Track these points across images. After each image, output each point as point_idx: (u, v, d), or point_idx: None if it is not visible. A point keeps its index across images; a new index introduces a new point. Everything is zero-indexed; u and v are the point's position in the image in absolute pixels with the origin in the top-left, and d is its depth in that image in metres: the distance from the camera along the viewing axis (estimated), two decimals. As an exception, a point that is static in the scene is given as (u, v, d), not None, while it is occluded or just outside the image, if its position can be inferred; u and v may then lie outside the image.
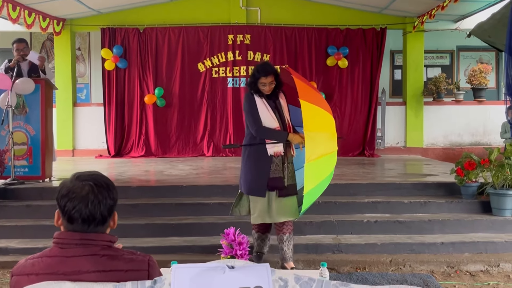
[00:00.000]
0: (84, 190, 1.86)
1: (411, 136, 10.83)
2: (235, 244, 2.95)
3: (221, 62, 10.57)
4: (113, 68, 10.40)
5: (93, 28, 10.72)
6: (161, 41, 10.51)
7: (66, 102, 10.62)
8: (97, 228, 1.88)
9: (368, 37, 10.56)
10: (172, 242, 5.28)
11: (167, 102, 10.45)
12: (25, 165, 6.64)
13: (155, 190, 6.41)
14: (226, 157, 10.25)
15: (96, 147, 10.71)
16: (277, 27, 10.58)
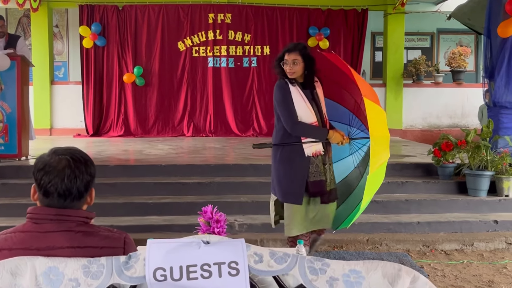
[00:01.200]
0: (61, 164, 1.83)
1: (390, 117, 10.80)
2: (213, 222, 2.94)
3: (201, 41, 10.48)
4: (92, 46, 10.24)
5: (71, 4, 10.50)
6: (140, 19, 10.36)
7: (43, 80, 10.44)
8: (73, 203, 1.85)
9: (350, 18, 10.55)
10: (151, 221, 5.27)
11: (147, 81, 10.35)
12: (1, 143, 6.52)
13: (134, 169, 6.37)
14: (206, 138, 10.22)
15: (74, 126, 10.58)
16: (258, 7, 10.50)
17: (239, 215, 5.40)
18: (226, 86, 10.54)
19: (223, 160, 7.07)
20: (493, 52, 6.27)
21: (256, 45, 10.56)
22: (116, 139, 9.93)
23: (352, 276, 1.70)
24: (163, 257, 1.67)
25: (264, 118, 10.52)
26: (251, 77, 10.57)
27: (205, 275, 1.67)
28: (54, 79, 10.91)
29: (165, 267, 1.66)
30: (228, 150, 8.17)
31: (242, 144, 8.97)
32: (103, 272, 1.68)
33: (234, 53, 10.56)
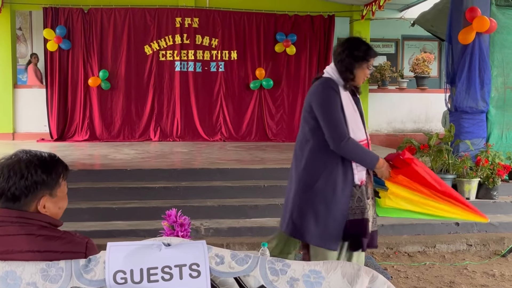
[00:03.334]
0: (12, 164, 1.83)
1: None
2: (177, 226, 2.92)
3: (168, 45, 10.43)
4: (56, 49, 10.07)
5: (35, 7, 10.32)
6: (106, 23, 10.25)
7: (6, 83, 10.22)
8: (14, 205, 1.82)
9: (316, 24, 10.68)
10: (116, 226, 5.22)
11: (112, 85, 10.24)
12: (-40, 148, 6.37)
13: (99, 174, 6.29)
14: (173, 142, 10.16)
15: (38, 130, 10.38)
16: (225, 12, 10.52)
17: (206, 219, 5.39)
18: (193, 90, 10.51)
19: (190, 164, 7.05)
20: (454, 58, 6.43)
21: (224, 50, 10.57)
22: (81, 144, 9.78)
23: (312, 277, 1.72)
24: (123, 259, 1.67)
25: (231, 123, 10.54)
26: (219, 82, 10.58)
27: (166, 277, 1.67)
28: (17, 82, 10.70)
29: (126, 270, 1.66)
30: (195, 155, 8.15)
31: (209, 149, 8.96)
32: (62, 275, 1.67)
33: (201, 58, 10.55)
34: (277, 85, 10.55)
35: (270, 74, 10.55)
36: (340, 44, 3.07)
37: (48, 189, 1.88)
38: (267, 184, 5.95)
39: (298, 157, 3.06)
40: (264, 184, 5.96)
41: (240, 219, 5.44)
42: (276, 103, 10.66)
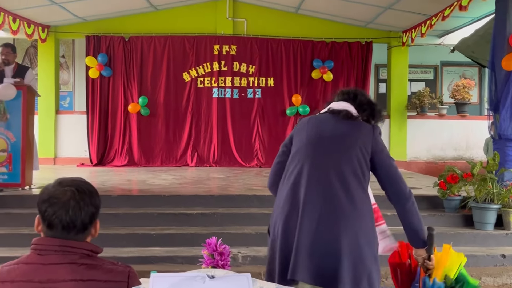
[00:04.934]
0: (66, 196, 1.81)
1: (395, 149, 10.88)
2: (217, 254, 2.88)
3: (206, 72, 10.56)
4: (98, 76, 10.33)
5: (78, 35, 10.65)
6: (146, 50, 10.47)
7: (49, 109, 10.51)
8: (77, 236, 1.83)
9: (354, 50, 10.64)
10: (153, 253, 5.21)
11: (151, 111, 10.40)
12: (5, 172, 6.51)
13: (137, 200, 6.33)
14: (210, 168, 10.20)
15: (78, 155, 10.59)
16: (263, 39, 10.61)
17: (243, 247, 5.33)
18: (230, 116, 10.58)
19: (226, 190, 7.02)
20: (497, 85, 6.27)
21: (261, 76, 10.63)
22: (120, 169, 9.92)
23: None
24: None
25: (268, 149, 10.53)
26: (256, 108, 10.62)
27: (210, 311, 1.63)
28: (59, 108, 10.98)
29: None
30: (232, 181, 8.13)
31: (246, 175, 8.94)
32: (106, 306, 1.65)
33: (238, 84, 10.63)
34: (314, 111, 10.52)
35: (307, 101, 10.54)
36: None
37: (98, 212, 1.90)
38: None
39: (352, 206, 2.47)
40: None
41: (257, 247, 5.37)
42: (313, 129, 10.58)
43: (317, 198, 2.46)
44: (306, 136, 2.64)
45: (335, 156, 2.53)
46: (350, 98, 2.74)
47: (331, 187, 2.47)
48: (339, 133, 2.60)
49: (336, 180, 2.48)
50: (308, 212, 2.43)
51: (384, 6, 9.08)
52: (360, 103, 2.72)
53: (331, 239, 2.40)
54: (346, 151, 2.54)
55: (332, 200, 2.46)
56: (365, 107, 2.72)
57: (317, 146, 2.59)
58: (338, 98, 2.79)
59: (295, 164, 2.59)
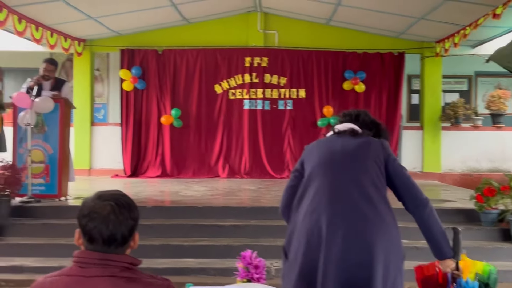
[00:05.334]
0: (106, 210, 1.84)
1: (429, 161, 10.73)
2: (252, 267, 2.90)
3: (238, 84, 10.63)
4: (132, 88, 10.50)
5: (113, 49, 10.86)
6: (179, 63, 10.60)
7: (84, 121, 10.72)
8: (117, 249, 1.85)
9: (386, 61, 10.56)
10: (187, 264, 5.25)
11: (184, 123, 10.50)
12: (42, 183, 6.67)
13: (170, 211, 6.39)
14: (241, 179, 10.23)
15: (112, 166, 10.74)
16: (294, 50, 10.62)
17: (276, 259, 5.27)
18: (261, 128, 10.60)
19: (258, 202, 7.03)
20: (535, 96, 6.13)
21: (292, 88, 10.64)
22: (153, 180, 10.03)
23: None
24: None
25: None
26: (287, 119, 10.62)
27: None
28: (94, 120, 11.19)
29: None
30: (263, 192, 8.14)
31: (277, 186, 8.93)
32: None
33: (270, 96, 10.65)
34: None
35: (338, 112, 10.46)
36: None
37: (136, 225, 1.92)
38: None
39: (378, 217, 2.46)
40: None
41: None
42: (345, 141, 10.51)
43: (341, 214, 2.41)
44: (317, 157, 2.65)
45: (351, 170, 2.54)
46: (353, 119, 2.80)
47: (354, 201, 2.45)
48: (350, 148, 2.62)
49: (357, 193, 2.46)
50: (333, 229, 2.38)
51: (417, 17, 9.00)
52: (363, 122, 2.79)
53: (361, 252, 2.36)
54: (362, 163, 2.57)
55: (356, 214, 2.42)
56: (370, 126, 2.79)
57: (331, 163, 2.59)
58: (341, 120, 2.85)
59: (312, 184, 2.57)
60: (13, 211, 6.08)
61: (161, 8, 9.38)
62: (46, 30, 9.06)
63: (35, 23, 8.65)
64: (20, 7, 7.93)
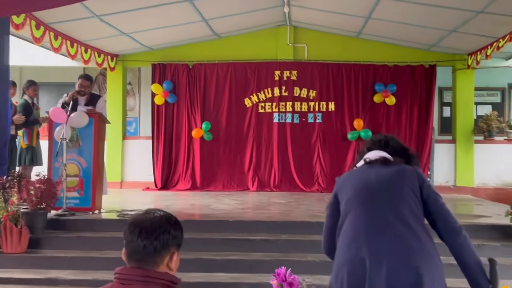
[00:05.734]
0: (151, 227, 1.88)
1: (461, 175, 10.55)
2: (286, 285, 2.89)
3: (267, 98, 10.67)
4: (163, 102, 10.64)
5: (144, 63, 11.05)
6: (209, 77, 10.71)
7: (116, 135, 10.89)
8: (154, 265, 1.88)
9: (417, 74, 10.47)
10: (219, 278, 5.25)
11: (214, 136, 10.58)
12: (76, 196, 6.78)
13: (202, 224, 6.42)
14: (270, 192, 10.22)
15: (144, 179, 10.86)
16: (323, 64, 10.62)
17: (307, 274, 5.26)
18: (290, 141, 10.60)
19: (289, 216, 7.02)
20: None
21: (321, 101, 10.61)
22: (183, 193, 10.11)
23: None
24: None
25: (329, 174, 10.46)
26: (316, 133, 10.60)
27: None
28: (126, 134, 11.35)
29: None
30: (293, 206, 8.12)
31: (307, 200, 8.91)
32: None
33: (299, 109, 10.66)
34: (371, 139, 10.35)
35: (369, 125, 10.41)
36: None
37: (178, 246, 1.95)
38: (370, 240, 5.75)
39: (420, 245, 2.38)
40: (367, 240, 5.78)
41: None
42: (375, 154, 10.42)
43: (384, 245, 2.36)
44: (352, 189, 2.59)
45: (389, 200, 2.48)
46: (382, 146, 2.76)
47: (395, 231, 2.39)
48: (385, 178, 2.57)
49: (397, 222, 2.41)
50: (377, 260, 2.32)
51: (449, 29, 8.92)
52: (393, 149, 2.74)
53: (407, 282, 2.28)
54: (398, 192, 2.51)
55: (399, 244, 2.36)
56: (400, 152, 2.75)
57: (368, 194, 2.54)
58: (369, 147, 2.79)
59: (349, 217, 2.51)
60: (49, 224, 6.18)
61: (192, 23, 9.53)
62: (80, 46, 9.28)
63: (70, 39, 8.87)
64: (56, 24, 8.15)
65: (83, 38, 9.25)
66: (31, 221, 5.91)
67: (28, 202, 5.96)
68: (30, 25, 7.38)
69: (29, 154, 8.01)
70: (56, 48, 8.41)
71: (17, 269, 5.49)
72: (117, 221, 6.45)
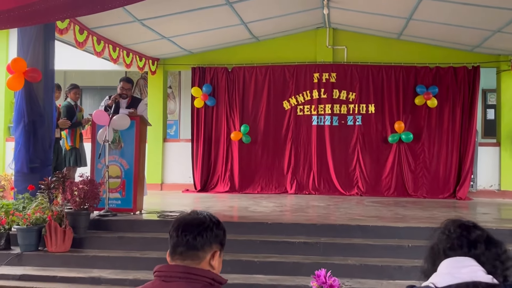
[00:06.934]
0: (194, 225, 1.91)
1: (506, 178, 10.23)
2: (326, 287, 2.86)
3: (306, 100, 10.62)
4: (202, 105, 10.73)
5: (184, 67, 11.17)
6: (248, 80, 10.74)
7: (157, 137, 11.04)
8: (195, 260, 1.88)
9: (459, 75, 10.21)
10: (257, 280, 5.24)
11: (253, 139, 10.59)
12: (118, 197, 6.90)
13: (241, 226, 6.43)
14: (309, 195, 10.17)
15: (183, 181, 10.98)
16: (363, 66, 10.50)
17: (347, 278, 5.22)
18: (329, 144, 10.51)
19: (328, 219, 6.95)
20: None
21: (361, 103, 10.48)
22: (222, 195, 10.16)
23: None
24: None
25: (368, 177, 10.32)
26: (356, 135, 10.46)
27: None
28: (166, 136, 11.50)
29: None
30: (332, 209, 8.04)
31: (346, 203, 8.81)
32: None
33: (338, 112, 10.56)
34: (417, 138, 10.19)
35: (410, 128, 10.22)
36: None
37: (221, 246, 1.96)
38: (412, 244, 5.65)
39: None
40: (408, 244, 5.68)
41: (383, 280, 5.21)
42: (416, 157, 10.24)
43: None
44: None
45: None
46: (465, 248, 1.90)
47: None
48: None
49: None
50: None
51: (493, 30, 8.67)
52: (487, 257, 1.88)
53: None
54: None
55: None
56: (494, 262, 1.88)
57: None
58: (449, 251, 1.92)
59: None
60: (91, 224, 6.32)
61: (231, 27, 9.58)
62: (122, 50, 9.46)
63: (113, 44, 9.06)
64: (99, 28, 8.34)
65: (125, 42, 9.43)
66: (75, 221, 6.05)
67: (71, 202, 6.11)
68: (74, 29, 7.58)
69: (73, 155, 8.21)
70: (98, 52, 8.60)
71: (61, 267, 5.63)
72: (157, 222, 6.54)
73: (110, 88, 10.32)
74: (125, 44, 9.53)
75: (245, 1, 8.38)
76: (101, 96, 10.43)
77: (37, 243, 5.88)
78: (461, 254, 1.87)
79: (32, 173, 6.67)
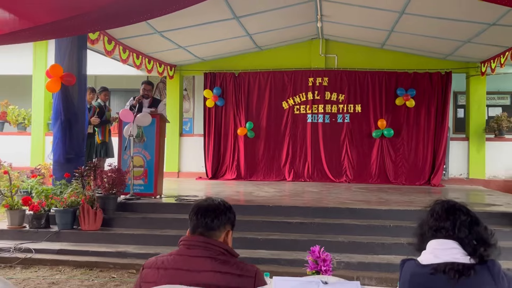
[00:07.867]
0: (210, 208, 2.01)
1: (474, 168, 10.22)
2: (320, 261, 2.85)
3: (302, 101, 10.59)
4: (213, 105, 10.72)
5: (198, 72, 11.15)
6: (252, 83, 10.72)
7: (174, 132, 11.04)
8: (212, 234, 1.97)
9: (434, 80, 10.18)
10: (261, 255, 5.25)
11: (256, 134, 10.59)
12: (141, 184, 6.90)
13: (246, 208, 6.41)
14: (304, 182, 10.16)
15: (197, 170, 10.99)
16: (351, 71, 10.46)
17: (337, 253, 5.21)
18: (322, 138, 10.50)
19: (321, 203, 6.94)
20: None
21: (349, 103, 10.47)
22: (230, 182, 10.16)
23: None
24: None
25: (355, 167, 10.32)
26: (345, 131, 10.45)
27: (324, 312, 1.61)
28: (182, 132, 11.50)
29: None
30: (325, 194, 8.03)
31: (336, 189, 8.80)
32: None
33: (329, 111, 10.53)
34: (397, 134, 10.17)
35: (391, 124, 10.20)
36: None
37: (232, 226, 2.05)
38: (393, 224, 5.65)
39: None
40: (390, 224, 5.68)
41: (368, 255, 5.21)
42: (397, 149, 10.24)
43: None
44: None
45: None
46: (450, 233, 1.84)
47: None
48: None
49: None
50: None
51: (463, 40, 8.62)
52: (467, 238, 1.82)
53: None
54: None
55: None
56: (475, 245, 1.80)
57: None
58: (431, 227, 1.89)
59: None
60: (119, 207, 6.34)
61: (238, 38, 9.54)
62: (144, 57, 9.45)
63: (136, 52, 9.05)
64: (124, 39, 8.32)
65: (147, 51, 9.41)
66: (104, 204, 6.06)
67: (101, 188, 6.12)
68: (103, 40, 7.56)
69: (103, 148, 8.21)
70: (124, 59, 8.58)
71: (93, 243, 5.65)
72: (175, 204, 6.54)
73: (134, 90, 10.30)
74: (147, 53, 9.51)
75: (250, 16, 8.35)
76: (126, 97, 10.41)
77: (72, 222, 5.90)
78: (446, 236, 1.83)
79: (68, 163, 6.67)
